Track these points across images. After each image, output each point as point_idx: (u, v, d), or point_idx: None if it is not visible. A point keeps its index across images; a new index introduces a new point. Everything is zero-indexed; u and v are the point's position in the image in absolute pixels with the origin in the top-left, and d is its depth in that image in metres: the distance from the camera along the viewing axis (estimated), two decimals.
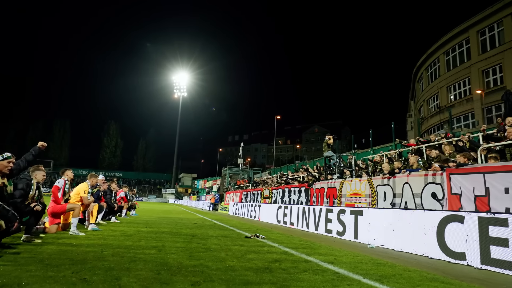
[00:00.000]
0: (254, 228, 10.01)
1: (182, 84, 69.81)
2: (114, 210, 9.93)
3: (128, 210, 12.59)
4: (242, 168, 32.58)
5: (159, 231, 7.49)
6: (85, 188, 6.97)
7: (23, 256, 3.86)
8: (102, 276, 3.08)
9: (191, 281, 3.08)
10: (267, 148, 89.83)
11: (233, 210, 20.36)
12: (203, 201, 36.79)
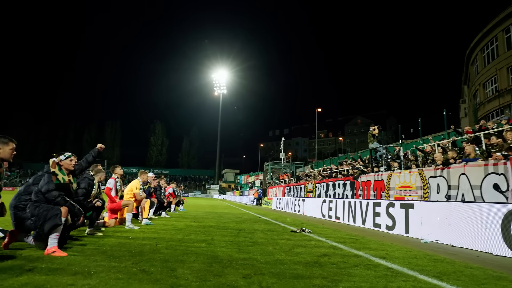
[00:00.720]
0: (299, 222, 9.97)
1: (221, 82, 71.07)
2: (164, 205, 10.43)
3: (176, 205, 13.15)
4: (284, 163, 32.47)
5: (207, 225, 7.74)
6: (137, 185, 7.39)
7: (88, 247, 4.20)
8: (159, 267, 3.25)
9: (242, 273, 3.15)
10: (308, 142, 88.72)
11: (277, 204, 20.42)
12: (247, 196, 37.34)
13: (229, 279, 2.93)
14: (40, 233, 3.76)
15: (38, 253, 3.70)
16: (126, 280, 2.76)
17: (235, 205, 26.32)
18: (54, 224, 3.70)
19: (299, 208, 15.42)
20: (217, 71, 72.01)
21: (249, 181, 56.95)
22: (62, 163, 4.21)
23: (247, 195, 38.34)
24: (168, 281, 2.78)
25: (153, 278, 2.84)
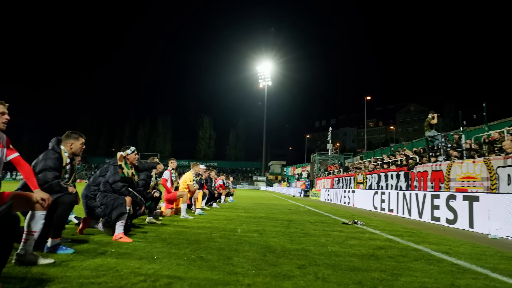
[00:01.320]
0: (350, 214, 9.72)
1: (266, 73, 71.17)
2: (215, 196, 10.78)
3: (226, 196, 13.53)
4: (332, 154, 31.77)
5: (257, 216, 7.86)
6: (190, 177, 7.72)
7: (149, 235, 4.49)
8: (216, 256, 3.38)
9: (297, 264, 3.15)
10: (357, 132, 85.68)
11: (325, 196, 20.10)
12: (294, 188, 37.25)
13: (284, 268, 2.95)
14: (108, 220, 4.09)
15: (107, 239, 4.04)
16: (187, 266, 2.90)
17: (283, 196, 26.40)
18: (120, 212, 4.01)
19: (349, 200, 15.01)
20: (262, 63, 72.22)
21: (296, 172, 56.71)
22: (128, 156, 4.54)
23: (294, 187, 38.23)
24: (226, 268, 2.88)
25: (211, 266, 2.96)
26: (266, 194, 32.23)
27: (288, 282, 2.55)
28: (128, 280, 2.41)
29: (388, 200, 10.80)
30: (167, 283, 2.37)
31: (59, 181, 3.29)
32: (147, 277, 2.50)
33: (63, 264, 2.79)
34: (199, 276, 2.59)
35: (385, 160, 16.55)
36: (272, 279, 2.60)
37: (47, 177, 3.20)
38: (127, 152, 4.54)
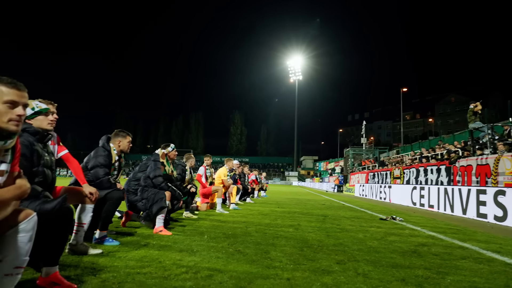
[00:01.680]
0: (387, 210, 9.42)
1: (297, 68, 70.53)
2: (248, 191, 10.88)
3: (259, 191, 13.60)
4: (366, 148, 30.91)
5: (291, 211, 7.83)
6: (224, 172, 7.83)
7: (187, 228, 4.62)
8: (253, 249, 3.41)
9: (335, 259, 3.11)
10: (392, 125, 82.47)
11: (360, 191, 19.61)
12: (327, 183, 36.68)
13: (322, 264, 2.92)
14: (149, 213, 4.26)
15: (148, 231, 4.21)
16: (225, 259, 2.96)
17: (316, 191, 26.12)
18: (160, 207, 4.15)
19: (385, 195, 14.55)
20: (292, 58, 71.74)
21: (328, 167, 55.83)
22: (169, 154, 4.71)
23: (327, 182, 37.64)
24: (264, 262, 2.90)
25: (249, 259, 2.99)
26: (298, 189, 32.05)
27: (327, 277, 2.52)
28: (171, 271, 2.50)
29: (428, 196, 10.34)
30: (208, 275, 2.43)
31: (109, 177, 3.47)
32: (189, 269, 2.57)
33: (110, 254, 2.94)
34: (238, 269, 2.63)
35: (424, 154, 15.83)
36: (311, 274, 2.58)
37: (98, 174, 3.39)
38: (168, 150, 4.72)
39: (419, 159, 15.58)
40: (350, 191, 23.30)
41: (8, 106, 1.53)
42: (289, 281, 2.37)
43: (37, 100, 2.52)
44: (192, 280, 2.29)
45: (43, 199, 2.26)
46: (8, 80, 1.56)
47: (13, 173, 1.65)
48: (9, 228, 1.55)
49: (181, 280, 2.30)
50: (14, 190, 1.55)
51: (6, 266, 1.52)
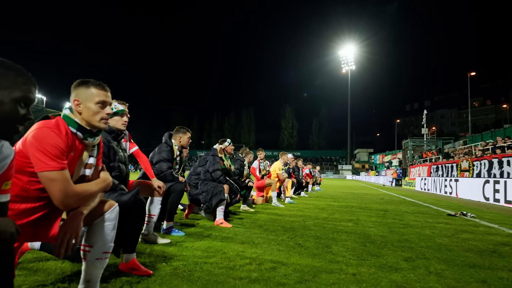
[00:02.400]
0: (455, 205, 8.70)
1: (349, 58, 68.00)
2: (302, 185, 10.79)
3: (313, 185, 13.43)
4: (428, 139, 28.79)
5: (348, 205, 7.61)
6: (279, 166, 7.85)
7: (246, 221, 4.73)
8: (313, 243, 3.37)
9: (402, 256, 2.95)
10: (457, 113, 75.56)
11: (421, 185, 18.38)
12: (383, 177, 34.94)
13: (389, 260, 2.79)
14: (209, 206, 4.43)
15: (209, 223, 4.39)
16: (287, 252, 2.97)
17: (372, 185, 25.07)
18: (220, 199, 4.30)
19: (451, 190, 13.45)
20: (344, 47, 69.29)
21: (385, 160, 53.16)
22: (226, 148, 4.87)
23: (384, 175, 35.83)
24: (326, 256, 2.85)
25: (311, 253, 2.97)
26: (353, 183, 31.04)
27: (396, 274, 2.40)
28: (235, 262, 2.57)
29: (504, 190, 9.34)
30: (272, 267, 2.46)
31: (172, 171, 3.68)
32: (252, 260, 2.63)
33: (178, 244, 3.12)
34: (301, 263, 2.62)
35: (499, 143, 14.30)
36: (377, 270, 2.48)
37: (162, 167, 3.61)
38: (225, 144, 4.87)
39: (492, 150, 14.11)
40: (410, 185, 21.95)
41: (100, 106, 1.69)
42: (355, 277, 2.31)
43: (114, 101, 2.75)
44: (257, 272, 2.34)
45: (119, 192, 2.47)
46: (96, 82, 1.72)
47: (97, 167, 1.82)
48: (97, 217, 1.71)
49: (246, 271, 2.35)
50: (101, 183, 1.71)
51: (97, 251, 1.69)
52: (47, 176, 1.44)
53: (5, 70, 1.07)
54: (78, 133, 1.64)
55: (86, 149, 1.72)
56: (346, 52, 68.77)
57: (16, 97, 1.08)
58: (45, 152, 1.44)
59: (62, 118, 1.64)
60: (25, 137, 1.50)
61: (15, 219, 1.55)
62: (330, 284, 2.13)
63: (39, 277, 2.07)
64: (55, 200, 1.48)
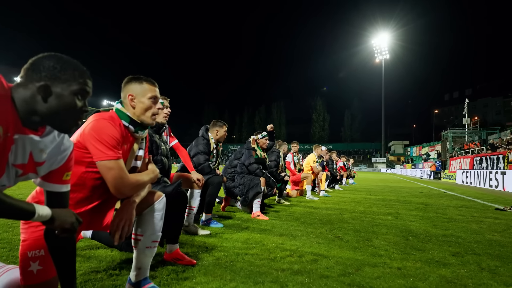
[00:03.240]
0: (503, 199, 8.16)
1: (383, 47, 65.53)
2: (337, 178, 10.60)
3: (347, 178, 13.16)
4: (469, 129, 27.16)
5: (385, 199, 7.38)
6: (313, 159, 7.75)
7: (282, 214, 4.73)
8: (353, 236, 3.31)
9: (449, 251, 2.82)
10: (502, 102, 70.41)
11: (463, 178, 17.42)
12: (420, 169, 33.49)
13: (435, 255, 2.68)
14: (245, 199, 4.47)
15: (246, 216, 4.43)
16: (327, 244, 2.93)
17: (408, 179, 24.13)
18: (256, 192, 4.33)
19: (497, 183, 12.64)
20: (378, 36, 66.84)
21: (421, 152, 50.92)
22: (259, 141, 4.87)
23: (421, 168, 34.33)
24: (368, 250, 2.79)
25: (351, 246, 2.91)
26: (388, 176, 30.05)
27: (444, 269, 2.29)
28: (276, 254, 2.58)
29: None
30: (313, 260, 2.44)
31: (209, 163, 3.75)
32: (292, 252, 2.62)
33: (217, 235, 3.18)
34: (342, 255, 2.58)
35: None
36: (424, 265, 2.38)
37: (199, 160, 3.69)
38: (258, 137, 4.87)
39: None
40: (450, 178, 20.89)
41: (152, 101, 1.75)
42: (401, 271, 2.23)
43: None
44: (298, 264, 2.33)
45: (163, 184, 2.55)
46: (147, 78, 1.78)
47: (145, 159, 1.89)
48: (146, 207, 1.77)
49: (287, 262, 2.35)
50: (150, 174, 1.78)
51: (147, 240, 1.76)
52: (106, 165, 1.51)
53: (63, 65, 1.11)
54: (130, 127, 1.70)
55: (136, 141, 1.79)
56: (380, 41, 66.42)
57: (74, 90, 1.13)
58: (103, 142, 1.52)
59: (115, 112, 1.71)
60: (82, 129, 1.59)
61: (74, 208, 1.65)
62: (375, 278, 2.08)
63: (92, 264, 2.20)
64: (112, 188, 1.55)
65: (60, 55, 1.13)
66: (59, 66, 1.10)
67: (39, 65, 1.08)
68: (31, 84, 1.06)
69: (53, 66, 1.09)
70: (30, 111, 1.06)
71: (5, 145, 1.01)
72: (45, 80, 1.07)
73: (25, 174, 1.14)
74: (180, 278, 1.98)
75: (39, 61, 1.09)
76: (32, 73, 1.07)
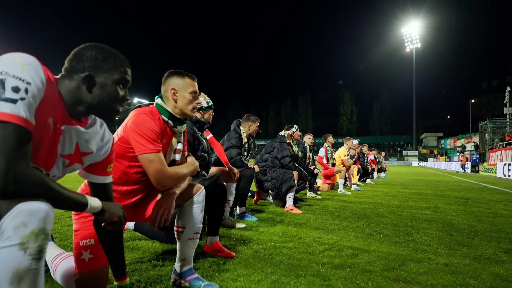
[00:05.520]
0: None
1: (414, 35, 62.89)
2: (368, 172, 10.33)
3: (378, 172, 12.80)
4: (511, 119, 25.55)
5: (421, 193, 7.11)
6: (344, 152, 7.59)
7: (315, 207, 4.67)
8: (392, 231, 3.20)
9: (500, 247, 2.66)
10: None
11: (504, 171, 16.44)
12: (456, 162, 31.95)
13: (484, 251, 2.53)
14: (278, 193, 4.45)
15: (279, 209, 4.42)
16: (365, 239, 2.86)
17: (443, 172, 23.12)
18: (290, 186, 4.29)
19: None
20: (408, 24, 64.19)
21: (457, 145, 48.60)
22: (294, 134, 4.83)
23: (456, 161, 32.74)
24: (409, 245, 2.69)
25: (391, 241, 2.82)
26: (421, 169, 28.95)
27: (497, 267, 2.16)
28: (314, 247, 2.55)
29: None
30: (353, 254, 2.38)
31: (241, 157, 3.76)
32: (331, 246, 2.58)
33: (253, 229, 3.19)
34: (383, 250, 2.50)
35: None
36: (473, 262, 2.26)
37: (232, 153, 3.71)
38: (292, 130, 4.83)
39: None
40: (489, 171, 19.79)
41: (193, 95, 1.77)
42: (448, 267, 2.13)
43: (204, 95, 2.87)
44: (338, 258, 2.29)
45: (202, 178, 2.58)
46: (188, 73, 1.80)
47: (184, 153, 1.91)
48: (186, 200, 1.80)
49: (327, 256, 2.31)
50: (190, 166, 1.80)
51: (189, 232, 1.78)
52: (147, 158, 1.55)
53: (105, 54, 1.12)
54: (169, 121, 1.73)
55: (174, 135, 1.81)
56: (410, 29, 63.83)
57: (116, 78, 1.14)
58: (144, 136, 1.56)
59: (155, 107, 1.74)
60: (125, 123, 1.63)
61: (119, 200, 1.70)
62: (421, 274, 2.00)
63: (137, 255, 2.27)
64: (153, 180, 1.59)
65: (101, 45, 1.14)
66: (101, 56, 1.11)
67: (82, 55, 1.09)
68: (76, 75, 1.08)
69: (95, 56, 1.10)
70: (76, 101, 1.08)
71: (55, 136, 1.04)
72: (89, 70, 1.08)
73: (71, 165, 1.17)
74: (221, 270, 2.00)
75: (82, 52, 1.10)
76: (76, 64, 1.08)
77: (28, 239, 0.80)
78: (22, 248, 0.79)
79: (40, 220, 0.83)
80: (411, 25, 64.53)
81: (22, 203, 0.82)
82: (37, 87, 0.90)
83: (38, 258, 0.82)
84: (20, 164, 0.84)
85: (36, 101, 0.91)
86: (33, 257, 0.80)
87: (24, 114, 0.85)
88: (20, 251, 0.79)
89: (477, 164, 24.22)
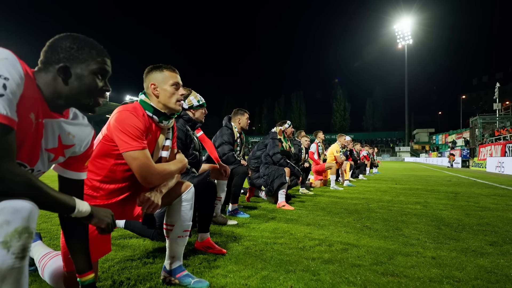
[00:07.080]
0: None
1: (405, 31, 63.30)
2: (357, 162, 10.41)
3: (370, 168, 12.91)
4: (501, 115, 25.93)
5: (412, 188, 7.20)
6: (337, 148, 7.65)
7: (307, 204, 4.70)
8: (382, 226, 3.25)
9: (486, 240, 2.71)
10: None
11: (494, 166, 16.72)
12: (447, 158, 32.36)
13: (470, 244, 2.58)
14: (270, 189, 4.47)
15: (271, 206, 4.44)
16: (356, 234, 2.89)
17: (434, 167, 23.39)
18: (281, 182, 4.32)
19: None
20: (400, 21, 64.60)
21: (448, 140, 49.22)
22: (286, 130, 4.84)
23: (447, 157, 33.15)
24: (399, 239, 2.73)
25: (381, 235, 2.86)
26: (413, 165, 29.26)
27: (483, 259, 2.21)
28: (305, 243, 2.57)
29: None
30: (343, 249, 2.41)
31: (233, 153, 3.76)
32: (321, 242, 2.60)
33: (245, 225, 3.20)
34: (372, 245, 2.54)
35: None
36: (459, 254, 2.31)
37: (224, 150, 3.71)
38: (285, 126, 4.84)
39: None
40: (479, 166, 20.10)
41: (174, 87, 1.75)
42: (435, 260, 2.17)
43: (196, 94, 2.85)
44: (328, 253, 2.31)
45: (191, 175, 2.58)
46: (167, 66, 1.78)
47: (173, 150, 1.91)
48: (175, 198, 1.79)
49: (317, 252, 2.34)
50: (178, 163, 1.79)
51: (178, 230, 1.78)
52: (131, 155, 1.54)
53: (80, 44, 1.09)
54: (154, 117, 1.71)
55: (162, 132, 1.80)
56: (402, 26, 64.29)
57: (93, 69, 1.11)
58: (127, 133, 1.54)
59: (139, 103, 1.73)
60: (109, 122, 1.62)
61: (106, 198, 1.69)
62: (408, 267, 2.04)
63: (127, 253, 2.27)
64: (138, 177, 1.57)
65: (76, 35, 1.11)
66: (76, 46, 1.08)
67: (56, 46, 1.06)
68: (51, 67, 1.04)
69: (70, 46, 1.07)
70: (54, 94, 1.05)
71: (37, 131, 1.03)
72: (64, 62, 1.05)
73: (56, 159, 1.15)
74: (212, 267, 2.01)
75: (56, 43, 1.07)
76: (51, 56, 1.05)
77: (11, 238, 0.79)
78: (5, 247, 0.79)
79: (23, 218, 0.82)
80: (403, 21, 65.00)
81: (5, 201, 0.81)
82: (15, 82, 0.88)
83: (21, 257, 0.81)
84: (4, 162, 0.83)
85: (16, 97, 0.88)
86: (16, 256, 0.80)
87: (4, 111, 0.83)
88: (3, 250, 0.78)
89: (468, 159, 24.58)
